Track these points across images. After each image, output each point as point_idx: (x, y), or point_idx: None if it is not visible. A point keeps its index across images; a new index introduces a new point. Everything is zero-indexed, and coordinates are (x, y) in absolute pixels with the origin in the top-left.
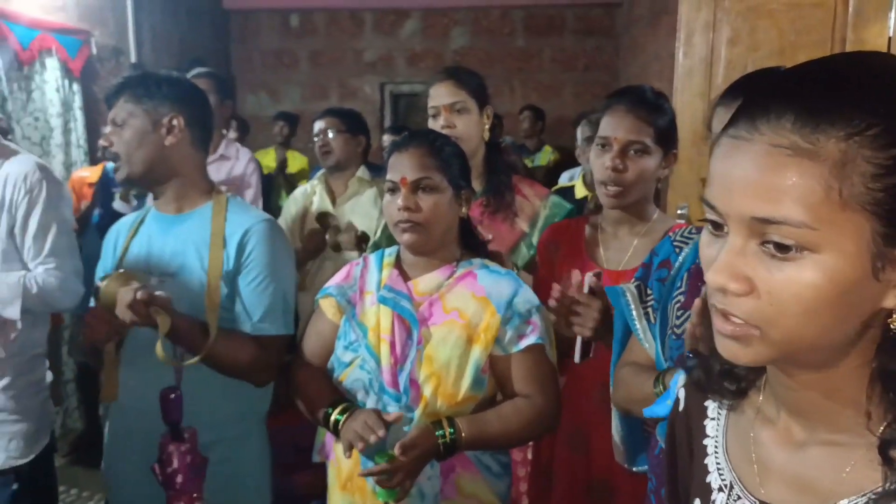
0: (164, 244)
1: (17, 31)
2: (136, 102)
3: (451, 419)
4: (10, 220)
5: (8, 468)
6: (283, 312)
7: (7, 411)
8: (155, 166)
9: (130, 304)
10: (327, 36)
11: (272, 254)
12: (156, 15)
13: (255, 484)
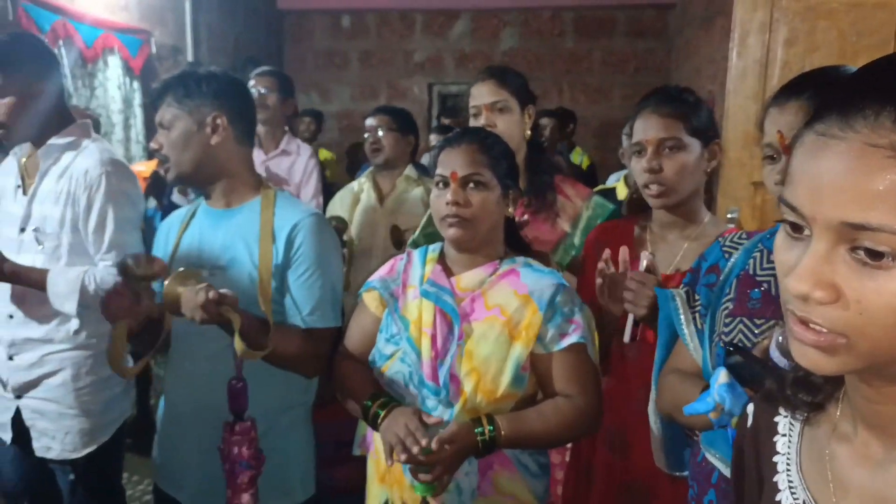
0: (214, 238)
1: (83, 31)
2: (179, 104)
3: (491, 416)
4: (73, 214)
5: (61, 460)
6: (332, 305)
7: (65, 405)
8: (203, 166)
9: (203, 304)
10: (378, 37)
11: (320, 248)
12: (213, 14)
13: (301, 474)
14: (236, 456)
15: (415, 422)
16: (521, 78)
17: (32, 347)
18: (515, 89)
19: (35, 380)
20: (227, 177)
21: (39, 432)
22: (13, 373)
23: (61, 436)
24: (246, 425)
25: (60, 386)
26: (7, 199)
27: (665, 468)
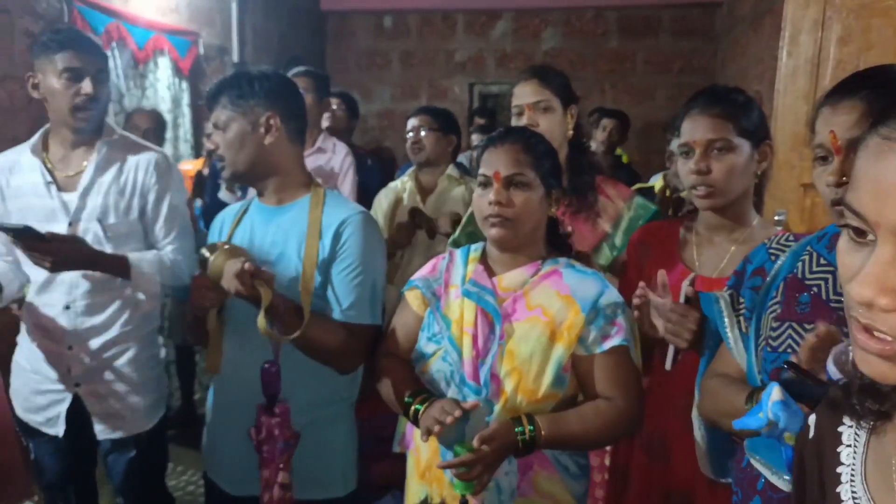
0: (264, 234)
1: (135, 33)
2: (233, 106)
3: (531, 416)
4: (140, 203)
5: (129, 436)
6: (371, 302)
7: (131, 383)
8: (256, 165)
9: (238, 273)
10: (419, 37)
11: (365, 245)
12: (258, 15)
13: (342, 468)
14: (272, 437)
15: (450, 404)
16: (564, 78)
17: (92, 335)
18: (558, 89)
19: (98, 365)
20: (280, 175)
21: (104, 415)
22: (74, 362)
23: (129, 413)
24: (284, 406)
25: (125, 365)
26: (30, 196)
27: (710, 474)
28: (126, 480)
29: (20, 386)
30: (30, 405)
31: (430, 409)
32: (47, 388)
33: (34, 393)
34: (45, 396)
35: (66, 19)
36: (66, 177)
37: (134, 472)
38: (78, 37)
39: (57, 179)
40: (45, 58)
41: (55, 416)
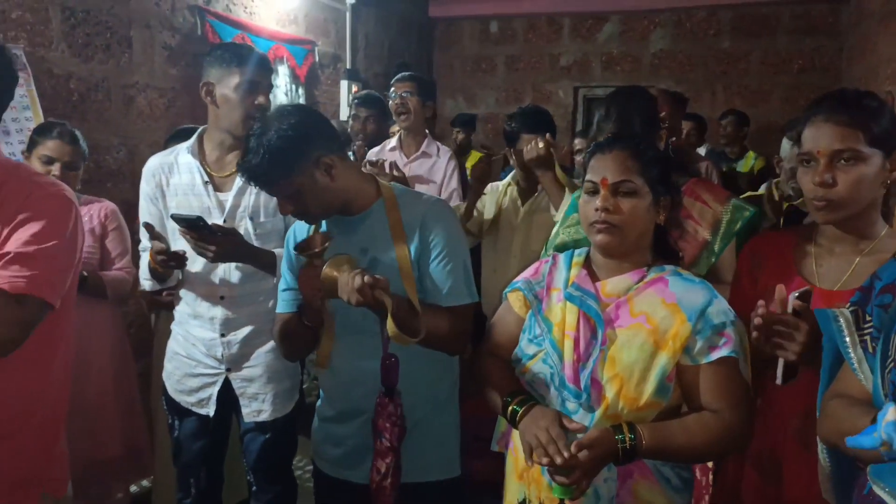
0: (349, 243)
1: (258, 43)
2: (287, 178)
3: (632, 424)
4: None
5: (270, 420)
6: (467, 282)
7: (272, 370)
8: (333, 202)
9: (360, 287)
10: (525, 41)
11: (449, 231)
12: (370, 25)
13: (449, 453)
14: (386, 427)
15: (556, 428)
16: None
17: (242, 324)
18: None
19: (246, 352)
20: (352, 193)
21: (250, 398)
22: (226, 348)
23: (270, 398)
24: (395, 400)
25: (269, 352)
26: (187, 195)
27: (832, 502)
28: (259, 460)
29: (173, 369)
30: (183, 387)
31: (532, 421)
32: (201, 371)
33: (188, 376)
34: (198, 379)
35: (200, 32)
36: (221, 177)
37: (267, 453)
38: (254, 53)
39: (213, 180)
40: (225, 70)
41: (207, 398)
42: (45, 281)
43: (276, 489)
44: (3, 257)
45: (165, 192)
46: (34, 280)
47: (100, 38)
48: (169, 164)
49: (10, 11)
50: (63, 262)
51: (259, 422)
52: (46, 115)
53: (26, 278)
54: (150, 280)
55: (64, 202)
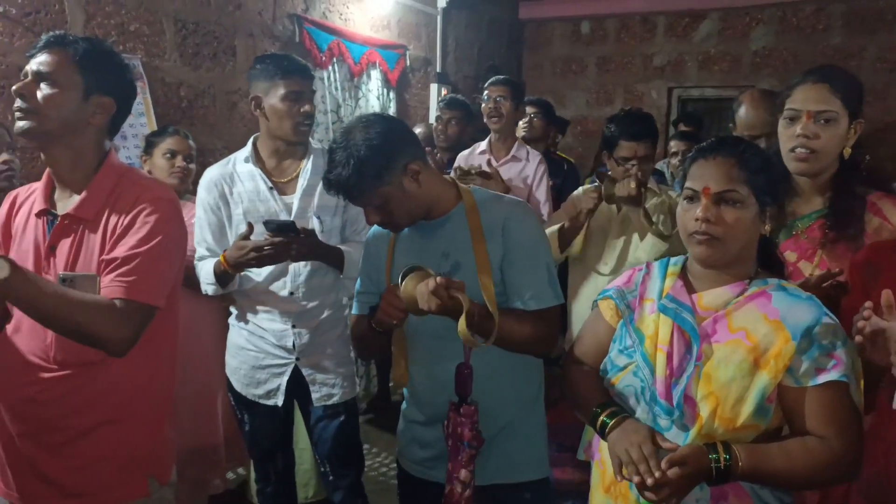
0: (430, 248)
1: (352, 49)
2: (379, 184)
3: (728, 444)
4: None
5: (341, 402)
6: (550, 284)
7: (342, 355)
8: (417, 211)
9: (434, 289)
10: (617, 41)
11: (531, 233)
12: (460, 28)
13: (538, 453)
14: (459, 435)
15: (650, 446)
16: (858, 84)
17: (312, 316)
18: (849, 99)
19: (316, 340)
20: (435, 199)
21: (320, 384)
22: (297, 338)
23: (340, 381)
24: (470, 408)
25: (336, 340)
26: (254, 201)
27: None
28: (336, 446)
29: (239, 364)
30: (250, 380)
31: (623, 435)
32: (269, 363)
33: (255, 369)
34: (266, 371)
35: (297, 39)
36: (282, 182)
37: (341, 436)
38: (297, 63)
39: (276, 185)
40: (269, 82)
41: (275, 388)
42: (148, 285)
43: (352, 473)
44: (111, 262)
45: (229, 200)
46: (137, 285)
47: (207, 47)
48: (229, 174)
49: (128, 24)
50: (167, 263)
51: (329, 406)
52: (159, 120)
53: (129, 283)
54: (214, 285)
55: (169, 205)
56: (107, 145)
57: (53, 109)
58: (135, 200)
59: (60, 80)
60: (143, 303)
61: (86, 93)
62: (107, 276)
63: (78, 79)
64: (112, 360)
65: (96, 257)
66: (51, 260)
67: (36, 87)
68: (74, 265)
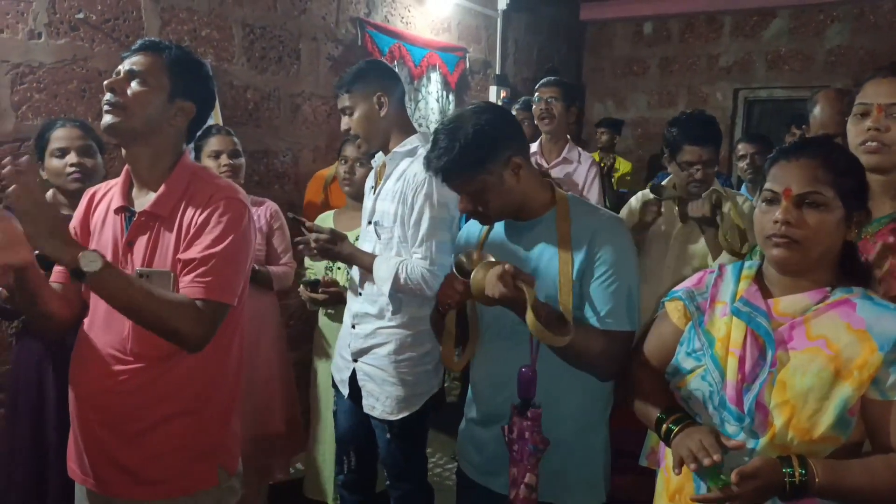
0: (515, 250)
1: (413, 52)
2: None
3: (804, 458)
4: (402, 210)
5: (382, 419)
6: (628, 309)
7: (388, 374)
8: (511, 206)
9: (500, 274)
10: (681, 42)
11: (618, 252)
12: (520, 30)
13: (592, 477)
14: (525, 439)
15: (710, 438)
16: None
17: (369, 321)
18: None
19: (368, 348)
20: (529, 199)
21: (367, 392)
22: (354, 339)
23: (383, 398)
24: (536, 411)
25: (385, 356)
26: (366, 197)
27: None
28: (386, 457)
29: (336, 348)
30: (335, 365)
31: (687, 437)
32: (343, 354)
33: (338, 356)
34: (342, 361)
35: (360, 43)
36: (380, 182)
37: (389, 451)
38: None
39: (376, 185)
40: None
41: (344, 380)
42: (223, 285)
43: (405, 487)
44: (189, 263)
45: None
46: (213, 285)
47: (273, 51)
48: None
49: (200, 30)
50: (238, 263)
51: (374, 417)
52: (226, 122)
53: (207, 284)
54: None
55: (240, 205)
56: (183, 148)
57: (140, 106)
58: (208, 199)
59: (150, 80)
60: (220, 302)
61: (171, 95)
62: (185, 276)
63: (166, 81)
64: (185, 354)
65: (171, 254)
66: (128, 256)
67: (126, 85)
68: (151, 261)
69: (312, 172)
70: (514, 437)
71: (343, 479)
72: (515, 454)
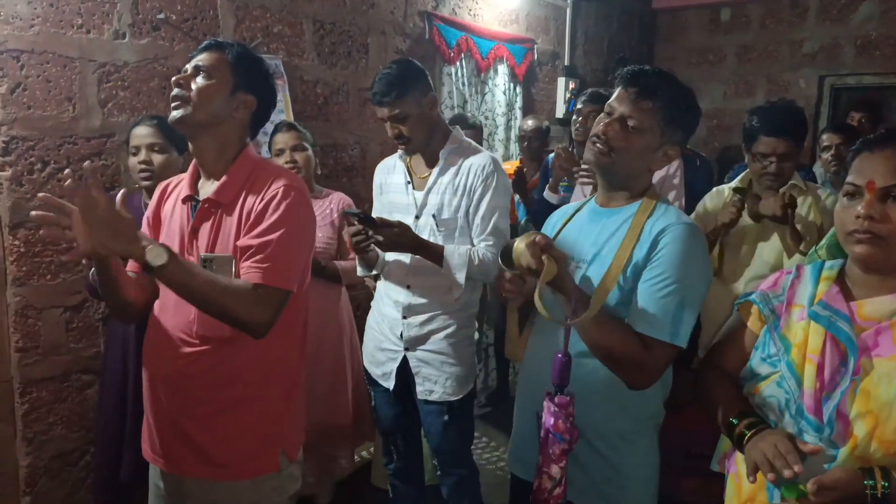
0: (588, 233)
1: (480, 44)
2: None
3: (887, 470)
4: (467, 202)
5: (442, 401)
6: (675, 320)
7: (447, 355)
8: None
9: (528, 244)
10: (761, 28)
11: (682, 258)
12: (590, 20)
13: (636, 490)
14: (552, 426)
15: (787, 444)
16: None
17: (422, 310)
18: None
19: (424, 335)
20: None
21: (423, 378)
22: (407, 329)
23: (443, 380)
24: (564, 399)
25: (443, 339)
26: (395, 193)
27: None
28: (441, 443)
29: (367, 342)
30: (372, 360)
31: (762, 442)
32: (386, 347)
33: (376, 349)
34: (383, 353)
35: (427, 36)
36: (420, 178)
37: (445, 436)
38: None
39: (413, 180)
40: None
41: (389, 372)
42: (281, 270)
43: (459, 472)
44: (248, 249)
45: (383, 188)
46: (272, 271)
47: (342, 46)
48: (392, 165)
49: (272, 26)
50: (297, 249)
51: (431, 401)
52: (296, 117)
53: (265, 270)
54: (360, 268)
55: (298, 193)
56: (246, 141)
57: (205, 99)
58: (267, 187)
59: (214, 75)
60: (278, 287)
61: (233, 89)
62: (244, 262)
63: (229, 76)
64: (248, 339)
65: (232, 239)
66: (194, 242)
67: (192, 80)
68: (214, 247)
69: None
70: (542, 424)
71: (393, 468)
72: (543, 441)
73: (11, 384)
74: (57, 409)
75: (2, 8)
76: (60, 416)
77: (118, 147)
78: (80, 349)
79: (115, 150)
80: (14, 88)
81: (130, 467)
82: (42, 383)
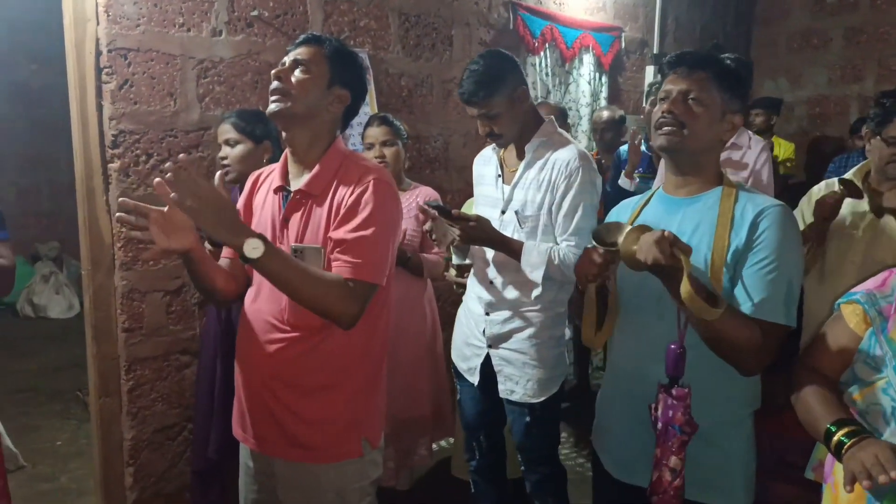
0: (670, 223)
1: (565, 33)
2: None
3: None
4: (550, 199)
5: (523, 402)
6: (785, 302)
7: (529, 356)
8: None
9: (658, 239)
10: (872, 8)
11: (783, 239)
12: (682, 6)
13: (741, 476)
14: (670, 419)
15: (888, 453)
16: None
17: (505, 307)
18: None
19: (506, 333)
20: (702, 169)
21: (505, 377)
22: (490, 326)
23: (524, 382)
24: (683, 391)
25: (526, 339)
26: (487, 185)
27: None
28: (524, 440)
29: (456, 336)
30: (460, 354)
31: (861, 451)
32: (471, 342)
33: (464, 344)
34: (469, 348)
35: (511, 27)
36: (510, 171)
37: (528, 435)
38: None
39: (503, 173)
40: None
41: (473, 367)
42: (371, 265)
43: (542, 471)
44: (340, 244)
45: (479, 179)
46: (362, 267)
47: (427, 38)
48: (488, 156)
49: (359, 20)
50: (386, 244)
51: (512, 401)
52: (381, 109)
53: (356, 265)
54: (455, 255)
55: (387, 186)
56: (337, 133)
57: (303, 92)
58: (357, 180)
59: (312, 68)
60: (368, 282)
61: (329, 83)
62: (336, 256)
63: (325, 70)
64: (335, 329)
65: (322, 230)
66: (284, 231)
67: (291, 73)
68: (303, 237)
69: (462, 158)
70: (658, 417)
71: (476, 464)
72: (660, 434)
73: (118, 362)
74: (158, 386)
75: (110, 8)
76: (161, 393)
77: (213, 140)
78: (178, 331)
79: (211, 143)
80: (122, 85)
81: (218, 445)
82: (145, 362)
